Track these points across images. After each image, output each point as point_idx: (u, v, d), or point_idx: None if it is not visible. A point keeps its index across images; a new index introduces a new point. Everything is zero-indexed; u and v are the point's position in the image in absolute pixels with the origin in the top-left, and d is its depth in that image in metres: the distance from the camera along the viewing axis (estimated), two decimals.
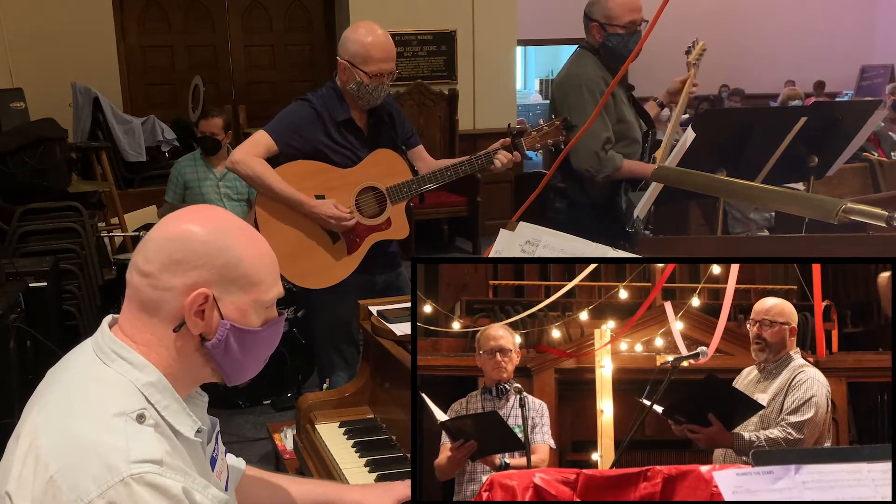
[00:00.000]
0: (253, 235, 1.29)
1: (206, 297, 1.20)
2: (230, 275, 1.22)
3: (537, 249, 1.88)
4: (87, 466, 1.09)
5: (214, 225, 1.24)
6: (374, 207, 2.91)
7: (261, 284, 1.25)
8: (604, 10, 3.12)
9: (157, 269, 1.20)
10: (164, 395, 1.21)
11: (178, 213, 1.27)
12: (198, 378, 1.29)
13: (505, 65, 7.81)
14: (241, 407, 4.09)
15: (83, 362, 1.24)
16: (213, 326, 1.22)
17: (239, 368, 1.29)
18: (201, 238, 1.21)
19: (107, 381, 1.19)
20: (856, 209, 1.58)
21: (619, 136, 3.17)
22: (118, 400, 1.16)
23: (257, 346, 1.29)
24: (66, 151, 4.93)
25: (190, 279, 1.20)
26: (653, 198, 2.73)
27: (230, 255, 1.22)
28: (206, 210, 1.29)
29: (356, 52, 2.80)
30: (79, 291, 4.39)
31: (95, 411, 1.15)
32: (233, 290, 1.23)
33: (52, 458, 1.11)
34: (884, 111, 5.87)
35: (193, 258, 1.20)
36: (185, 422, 1.22)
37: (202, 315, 1.21)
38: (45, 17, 6.52)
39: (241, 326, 1.24)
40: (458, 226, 7.56)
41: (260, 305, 1.26)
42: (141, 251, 1.23)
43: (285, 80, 7.91)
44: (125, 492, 1.08)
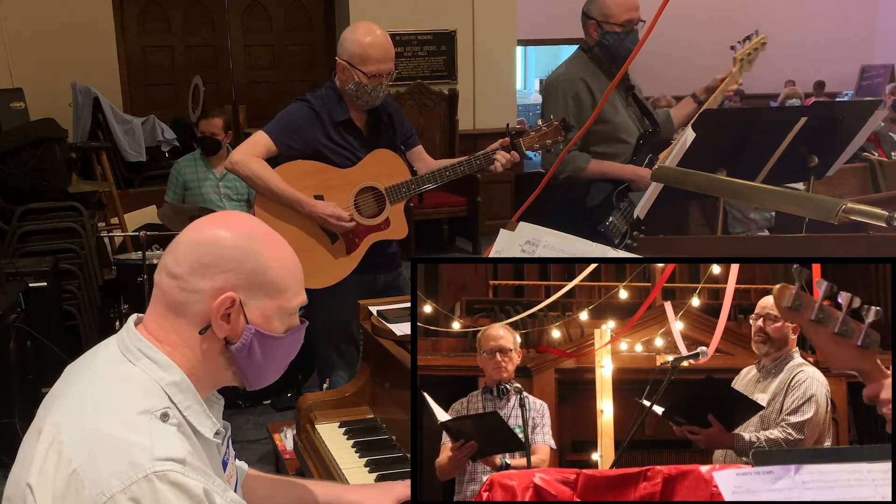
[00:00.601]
0: (281, 243, 1.30)
1: (234, 301, 1.22)
2: (257, 280, 1.24)
3: (537, 249, 1.88)
4: (111, 462, 1.10)
5: (244, 231, 1.26)
6: (373, 207, 2.91)
7: (286, 292, 1.27)
8: (601, 8, 3.13)
9: (187, 272, 1.22)
10: (187, 396, 1.22)
11: (209, 218, 1.29)
12: (219, 381, 1.31)
13: (505, 65, 7.81)
14: (241, 407, 4.09)
15: (108, 359, 1.25)
16: (238, 330, 1.24)
17: (260, 373, 1.31)
18: (231, 243, 1.23)
19: (132, 378, 1.20)
20: (856, 209, 1.58)
21: (601, 137, 3.16)
22: (142, 398, 1.17)
23: (279, 353, 1.31)
24: (66, 151, 4.93)
25: (218, 283, 1.21)
26: (653, 198, 2.73)
27: (259, 261, 1.24)
28: (236, 216, 1.31)
29: (355, 53, 2.80)
30: (79, 291, 4.39)
31: (120, 408, 1.16)
32: (259, 296, 1.24)
33: (74, 452, 1.11)
34: (884, 111, 5.87)
35: (222, 262, 1.22)
36: (205, 423, 1.24)
37: (228, 319, 1.23)
38: (45, 17, 6.52)
39: (265, 332, 1.26)
40: (458, 226, 7.56)
41: (284, 312, 1.28)
42: (171, 253, 1.25)
43: (285, 80, 7.91)
44: (148, 488, 1.09)
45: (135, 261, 4.30)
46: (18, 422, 3.35)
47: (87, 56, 6.67)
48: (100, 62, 6.80)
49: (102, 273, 4.77)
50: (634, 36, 3.14)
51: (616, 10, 3.10)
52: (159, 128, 6.64)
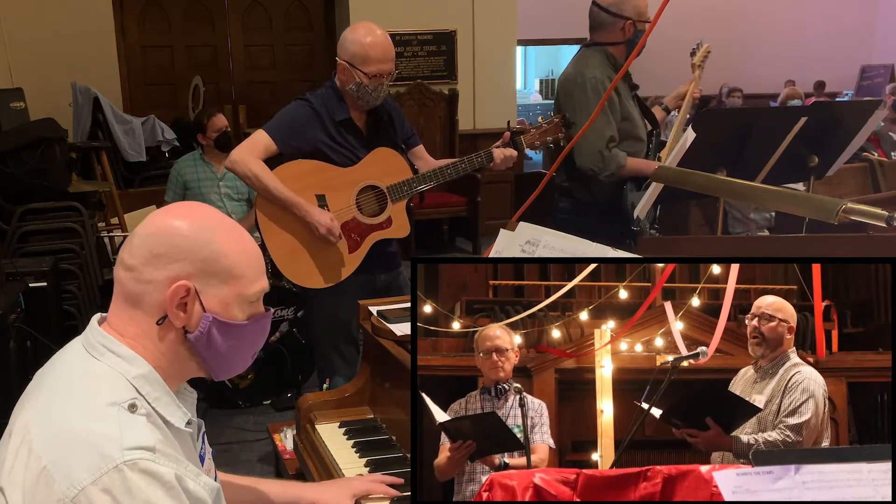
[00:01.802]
0: (237, 231, 1.29)
1: (188, 289, 1.22)
2: (211, 268, 1.23)
3: (537, 249, 1.88)
4: (80, 455, 1.10)
5: (197, 220, 1.25)
6: (375, 206, 2.91)
7: (243, 278, 1.26)
8: (637, 7, 3.13)
9: (140, 263, 1.22)
10: (155, 388, 1.22)
11: (163, 210, 1.30)
12: (185, 372, 1.30)
13: (505, 65, 7.81)
14: (241, 407, 4.09)
15: (73, 358, 1.25)
16: (195, 319, 1.23)
17: (224, 363, 1.30)
18: (183, 232, 1.23)
19: (97, 373, 1.20)
20: (856, 209, 1.58)
21: (624, 135, 3.15)
22: (109, 391, 1.18)
23: (242, 341, 1.30)
24: (66, 151, 4.93)
25: (171, 272, 1.21)
26: (653, 198, 2.73)
27: (212, 249, 1.23)
28: (189, 206, 1.31)
29: (355, 53, 2.80)
30: (79, 291, 4.39)
31: (87, 402, 1.16)
32: (214, 284, 1.24)
33: (44, 450, 1.12)
34: (884, 111, 5.87)
35: (175, 252, 1.21)
36: (175, 413, 1.24)
37: (184, 308, 1.22)
38: (45, 17, 6.52)
39: (223, 320, 1.25)
40: (458, 226, 7.56)
41: (243, 300, 1.27)
42: (126, 246, 1.25)
43: (285, 80, 7.91)
44: (119, 478, 1.09)
45: None
46: None
47: (87, 56, 6.67)
48: (100, 62, 6.80)
49: (102, 273, 4.77)
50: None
51: (645, 8, 3.14)
52: (159, 128, 6.64)
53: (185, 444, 1.26)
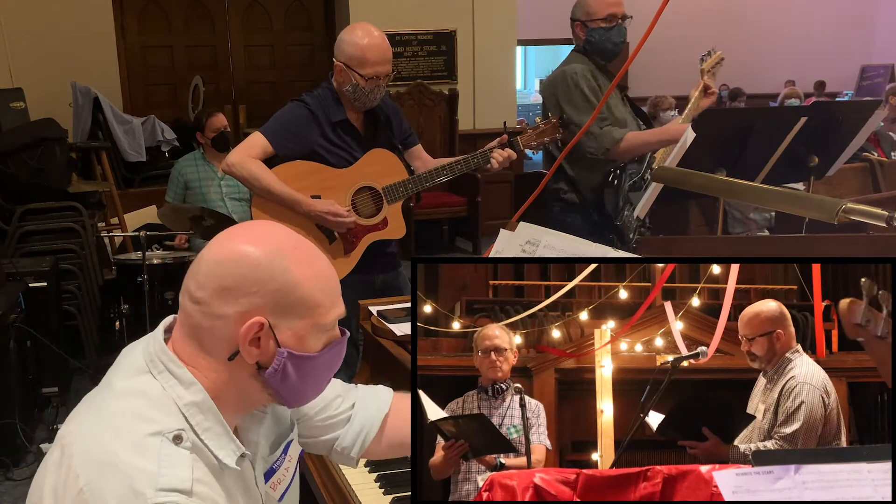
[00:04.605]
0: (310, 254, 1.20)
1: (262, 325, 1.13)
2: (286, 301, 1.14)
3: (537, 249, 1.88)
4: (114, 485, 1.06)
5: (268, 246, 1.16)
6: (371, 207, 2.91)
7: (319, 308, 1.18)
8: (583, 8, 3.22)
9: (209, 296, 1.13)
10: (207, 417, 1.15)
11: (231, 232, 1.20)
12: (255, 402, 1.24)
13: (505, 65, 7.81)
14: None
15: (131, 370, 1.19)
16: (269, 355, 1.16)
17: (298, 393, 1.23)
18: (254, 261, 1.14)
19: (149, 394, 1.14)
20: (856, 209, 1.58)
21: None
22: (156, 417, 1.12)
23: (317, 371, 1.22)
24: (66, 151, 4.94)
25: (242, 307, 1.13)
26: (653, 198, 2.73)
27: (286, 279, 1.14)
28: (259, 227, 1.22)
29: (352, 55, 2.79)
30: (79, 291, 4.40)
31: (131, 428, 1.11)
32: (289, 317, 1.15)
33: (82, 469, 1.08)
34: (884, 111, 5.87)
35: (246, 284, 1.13)
36: (226, 446, 1.17)
37: (258, 343, 1.15)
38: (45, 17, 6.52)
39: (298, 353, 1.17)
40: (458, 226, 7.56)
41: (319, 329, 1.19)
42: (193, 275, 1.17)
43: (285, 80, 7.90)
44: None
45: (135, 261, 4.30)
46: (18, 422, 3.35)
47: (87, 56, 6.66)
48: (100, 62, 6.80)
49: (102, 273, 4.78)
50: (619, 30, 3.20)
51: (597, 7, 3.18)
52: (159, 128, 6.64)
53: (235, 476, 1.19)
